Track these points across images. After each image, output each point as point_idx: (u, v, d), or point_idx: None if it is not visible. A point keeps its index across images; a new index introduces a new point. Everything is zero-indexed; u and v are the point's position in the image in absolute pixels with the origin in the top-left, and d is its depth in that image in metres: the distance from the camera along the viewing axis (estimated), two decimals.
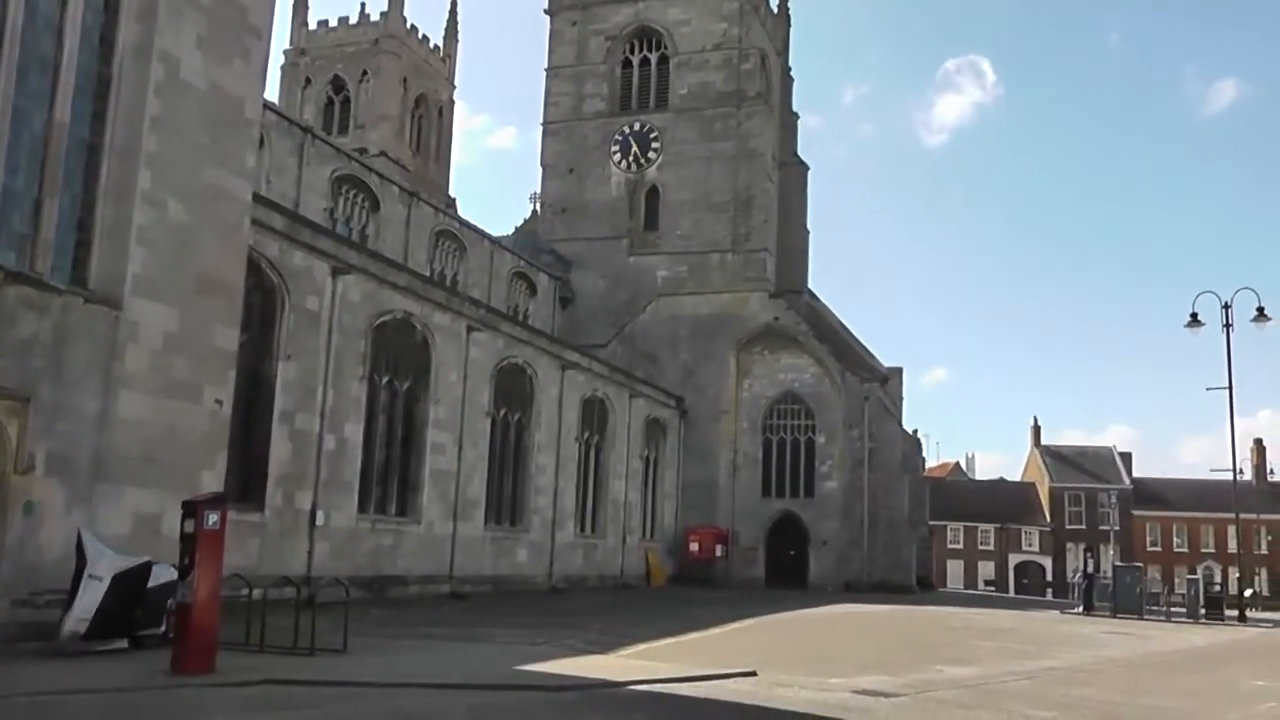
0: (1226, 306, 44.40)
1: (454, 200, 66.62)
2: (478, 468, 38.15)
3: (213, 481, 20.61)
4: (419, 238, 50.64)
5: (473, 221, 56.77)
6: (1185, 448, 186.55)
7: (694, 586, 50.48)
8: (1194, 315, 44.54)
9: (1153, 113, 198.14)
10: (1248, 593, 59.91)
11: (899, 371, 71.11)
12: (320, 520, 29.73)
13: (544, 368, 43.08)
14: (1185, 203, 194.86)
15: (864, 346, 69.94)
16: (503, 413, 40.28)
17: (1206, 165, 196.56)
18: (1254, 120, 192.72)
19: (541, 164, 67.46)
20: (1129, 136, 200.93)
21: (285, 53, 77.81)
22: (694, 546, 55.62)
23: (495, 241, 58.18)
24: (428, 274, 45.77)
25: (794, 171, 71.00)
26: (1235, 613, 45.77)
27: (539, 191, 67.77)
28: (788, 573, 56.09)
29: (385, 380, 33.54)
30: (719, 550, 55.94)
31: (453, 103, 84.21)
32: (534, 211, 68.86)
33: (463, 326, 37.15)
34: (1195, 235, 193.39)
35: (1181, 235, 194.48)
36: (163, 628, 16.51)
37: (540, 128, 68.10)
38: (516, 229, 68.22)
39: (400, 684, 13.89)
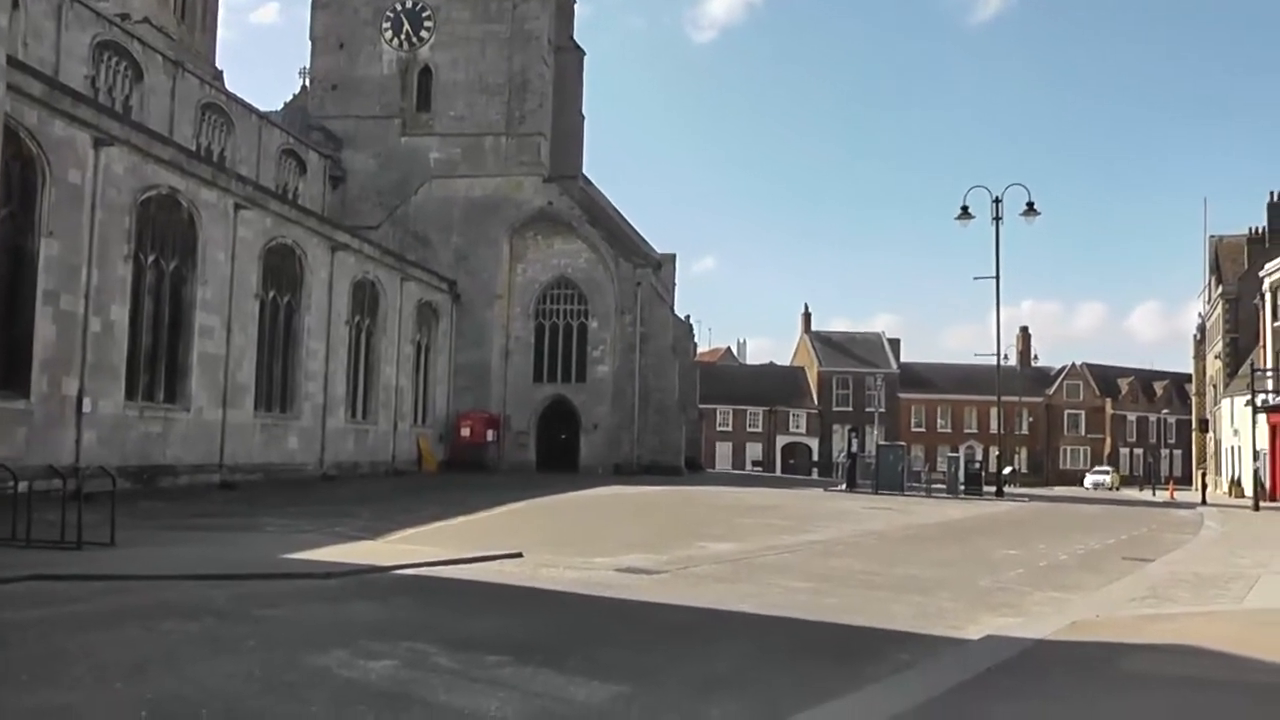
0: (997, 201, 46.26)
1: (220, 73, 64.54)
2: (247, 352, 37.75)
3: None
4: (184, 110, 49.16)
5: (241, 96, 55.37)
6: (949, 335, 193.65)
7: (466, 471, 50.86)
8: (964, 208, 46.25)
9: (922, 17, 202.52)
10: (1006, 470, 62.95)
11: (671, 258, 72.02)
12: (87, 408, 29.13)
13: (314, 249, 42.58)
14: (952, 103, 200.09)
15: (637, 233, 70.51)
16: (272, 295, 39.82)
17: (975, 69, 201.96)
18: (1019, 29, 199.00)
19: (311, 38, 65.59)
20: (899, 39, 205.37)
21: None
22: (466, 431, 55.98)
23: (264, 117, 56.76)
24: (194, 149, 44.63)
25: (570, 56, 70.49)
26: (993, 489, 48.11)
27: (308, 67, 66.19)
28: (559, 456, 56.97)
29: (151, 260, 32.81)
30: (491, 435, 56.44)
31: None
32: (303, 87, 67.22)
33: (230, 204, 36.50)
34: (962, 135, 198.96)
35: (949, 134, 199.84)
36: None
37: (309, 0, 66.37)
38: (286, 105, 66.42)
39: (167, 576, 13.67)
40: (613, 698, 8.00)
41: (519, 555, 16.78)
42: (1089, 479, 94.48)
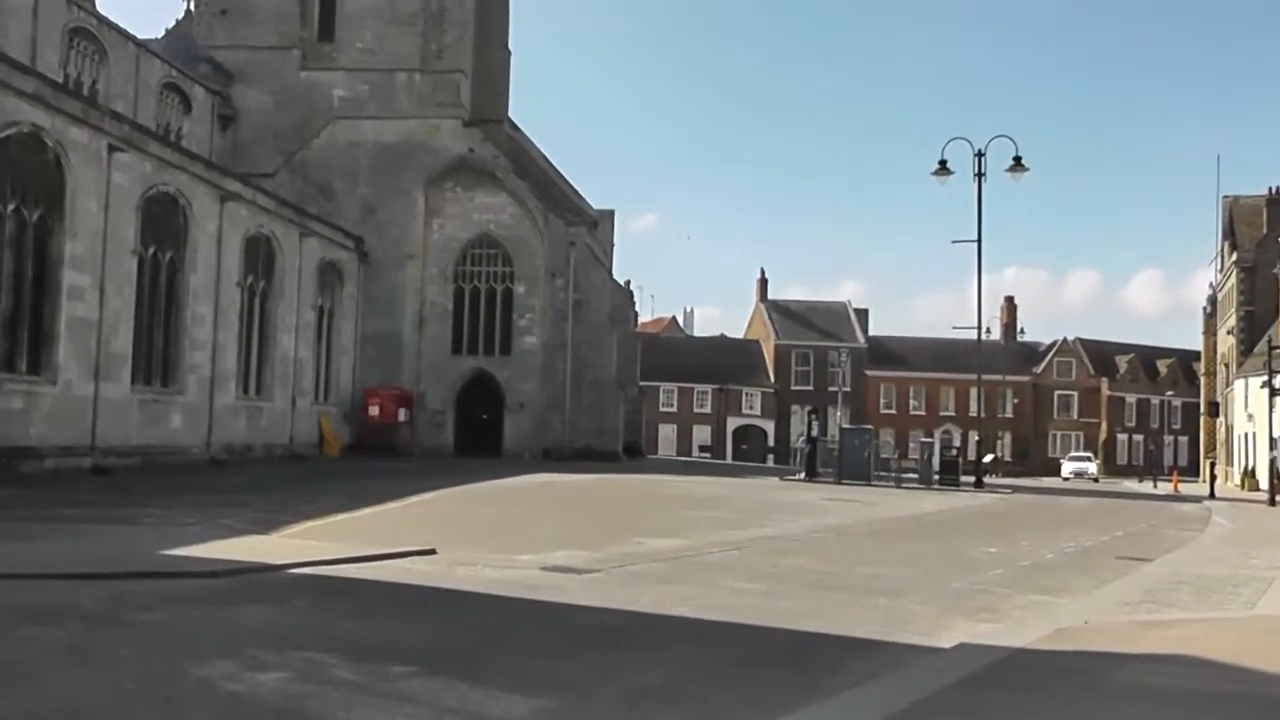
0: (980, 155, 46.49)
1: None
2: (123, 316, 37.29)
3: None
4: (49, 36, 48.32)
5: (115, 20, 54.62)
6: (923, 306, 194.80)
7: (374, 456, 50.51)
8: (943, 163, 46.46)
9: None
10: (988, 458, 63.40)
11: (609, 215, 71.85)
12: None
13: (200, 198, 42.13)
14: (930, 50, 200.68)
15: (570, 186, 70.19)
16: (152, 251, 39.38)
17: (957, 13, 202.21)
18: None
19: None
20: None
21: None
22: (374, 410, 55.66)
23: (142, 45, 55.84)
24: (61, 80, 43.99)
25: None
26: (972, 479, 48.48)
27: None
28: (480, 439, 56.82)
29: (12, 208, 32.28)
30: (403, 414, 56.19)
31: None
32: (188, 12, 66.46)
33: (103, 145, 35.92)
34: (940, 83, 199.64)
35: (925, 83, 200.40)
36: None
37: None
38: (168, 32, 65.51)
39: (28, 575, 13.58)
40: (535, 713, 8.07)
41: (432, 552, 16.84)
42: (1066, 466, 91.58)
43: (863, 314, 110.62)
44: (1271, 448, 54.62)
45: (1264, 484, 54.46)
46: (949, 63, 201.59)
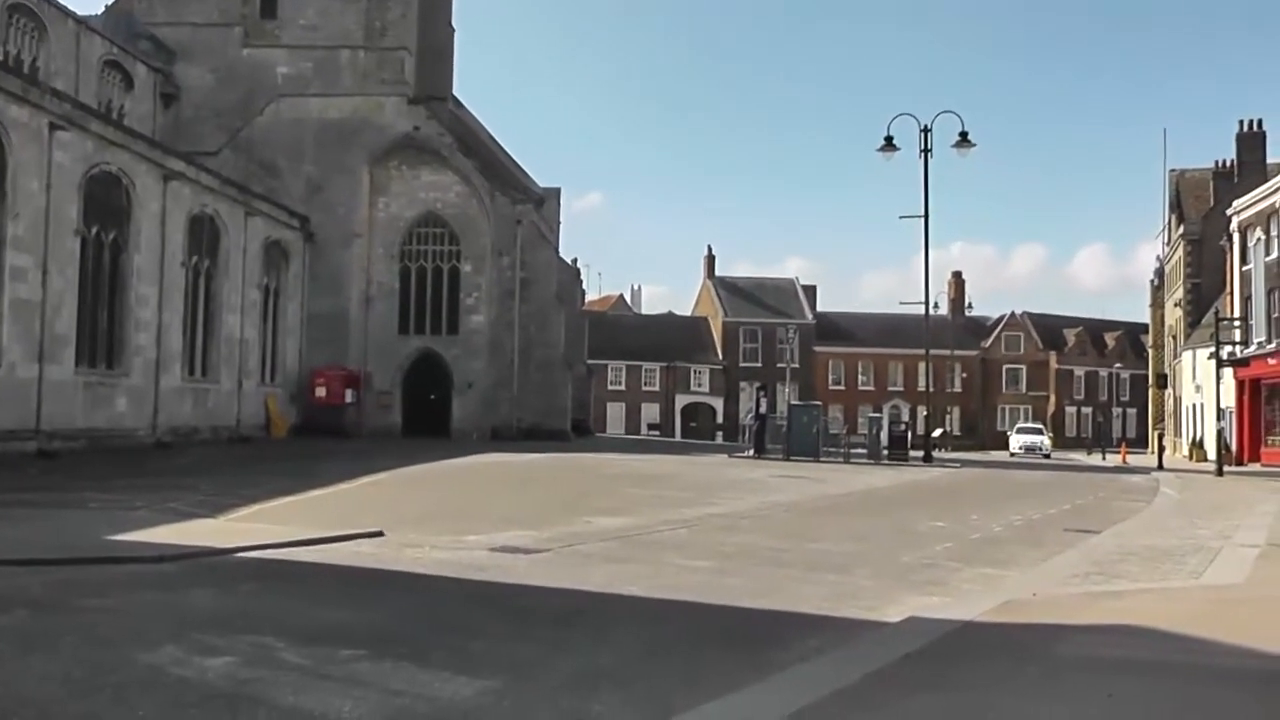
0: (926, 130, 46.66)
1: None
2: (66, 298, 37.03)
3: None
4: None
5: None
6: (870, 282, 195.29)
7: (321, 437, 50.49)
8: (889, 139, 46.60)
9: None
10: (936, 432, 63.64)
11: (556, 193, 71.73)
12: None
13: (143, 177, 41.89)
14: (873, 21, 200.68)
15: (516, 164, 70.05)
16: (95, 231, 39.14)
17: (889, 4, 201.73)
18: None
19: None
20: None
21: None
22: (321, 391, 55.56)
23: (82, 22, 55.34)
24: (0, 58, 43.62)
25: None
26: (921, 453, 48.80)
27: None
28: (428, 420, 56.87)
29: None
30: (349, 395, 56.10)
31: None
32: None
33: (44, 124, 35.67)
34: (884, 55, 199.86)
35: (868, 56, 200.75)
36: None
37: None
38: (108, 9, 64.80)
39: None
40: (481, 694, 8.07)
41: (380, 534, 16.85)
42: (1015, 440, 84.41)
43: (810, 290, 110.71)
44: (1219, 419, 55.11)
45: (1211, 455, 54.89)
46: (895, 45, 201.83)
